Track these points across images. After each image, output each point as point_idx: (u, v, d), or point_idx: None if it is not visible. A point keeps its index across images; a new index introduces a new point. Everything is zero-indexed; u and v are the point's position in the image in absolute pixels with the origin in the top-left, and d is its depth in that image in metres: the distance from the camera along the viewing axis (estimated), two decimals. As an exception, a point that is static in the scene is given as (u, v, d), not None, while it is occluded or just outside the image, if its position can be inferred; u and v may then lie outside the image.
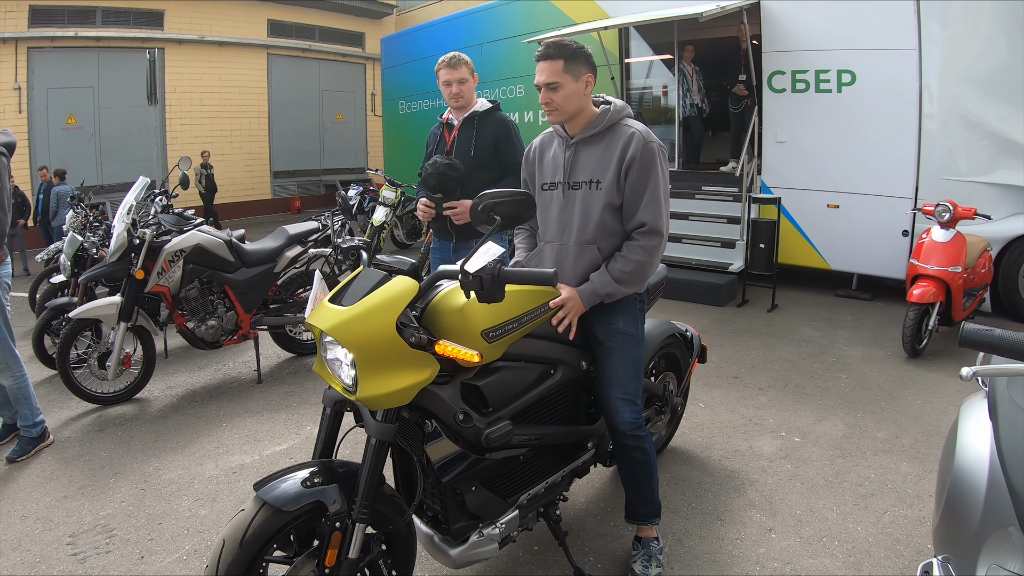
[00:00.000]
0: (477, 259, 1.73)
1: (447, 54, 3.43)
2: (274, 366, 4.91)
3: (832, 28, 6.41)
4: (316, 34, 14.18)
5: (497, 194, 1.77)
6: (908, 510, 3.04)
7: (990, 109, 5.99)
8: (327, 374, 1.90)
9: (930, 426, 3.94)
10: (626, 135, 2.26)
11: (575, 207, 2.34)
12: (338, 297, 1.88)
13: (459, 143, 3.46)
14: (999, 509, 1.76)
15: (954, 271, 5.04)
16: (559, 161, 2.39)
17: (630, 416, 2.35)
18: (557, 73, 2.23)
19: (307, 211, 14.01)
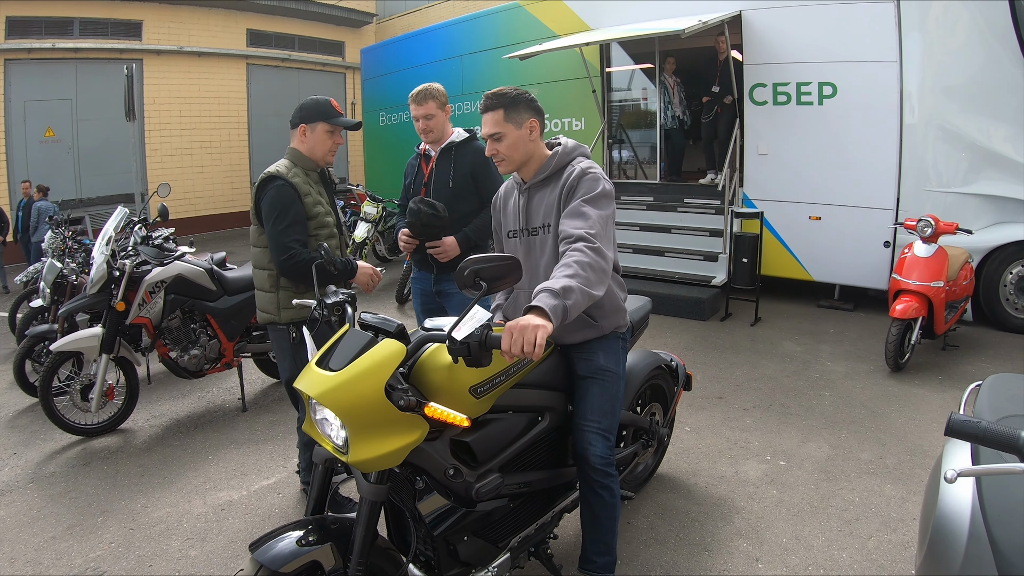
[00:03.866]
0: (464, 325, 1.72)
1: (418, 87, 3.42)
2: (258, 392, 4.87)
3: (814, 41, 6.46)
4: (296, 43, 14.07)
5: (483, 259, 1.75)
6: (892, 535, 3.07)
7: (969, 120, 6.06)
8: (317, 433, 1.90)
9: (913, 445, 3.97)
10: (568, 173, 2.25)
11: (536, 253, 2.35)
12: (325, 360, 1.87)
13: (437, 175, 3.47)
14: (977, 561, 1.80)
15: (936, 286, 5.09)
16: (516, 208, 2.39)
17: (602, 450, 2.31)
18: (498, 123, 2.23)
19: None
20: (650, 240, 7.56)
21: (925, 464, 3.75)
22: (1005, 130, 5.99)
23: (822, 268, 7.08)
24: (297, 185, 2.88)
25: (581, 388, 2.37)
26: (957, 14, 6.01)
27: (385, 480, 1.87)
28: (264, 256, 2.97)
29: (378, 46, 11.85)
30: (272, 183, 2.87)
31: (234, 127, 13.16)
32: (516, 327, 1.68)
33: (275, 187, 2.85)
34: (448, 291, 3.52)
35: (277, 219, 2.82)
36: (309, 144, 3.01)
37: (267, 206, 2.84)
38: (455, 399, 1.92)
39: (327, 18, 14.20)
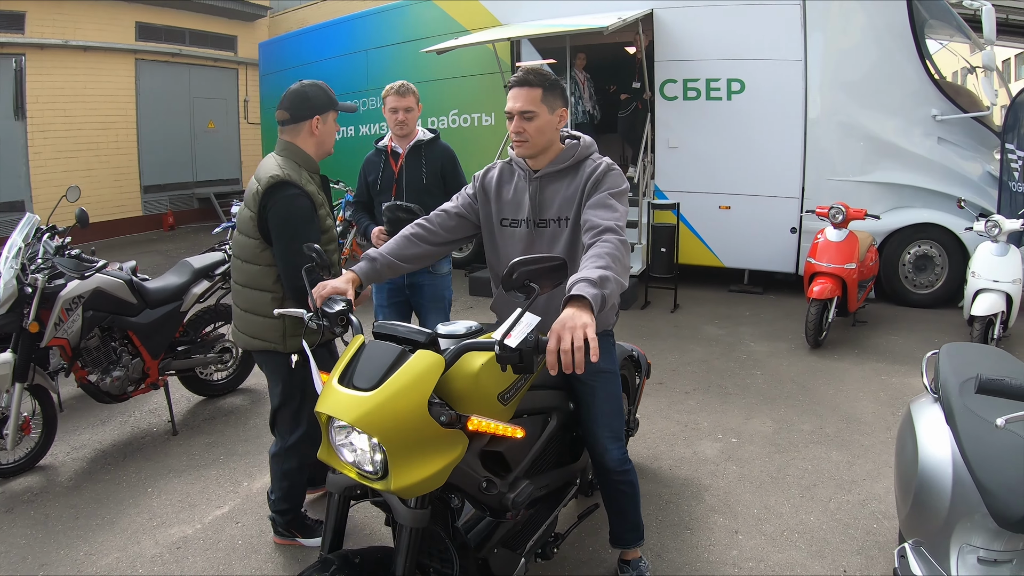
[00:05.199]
0: (516, 331, 1.59)
1: (396, 82, 3.48)
2: (186, 412, 4.45)
3: (722, 39, 6.78)
4: (186, 37, 13.18)
5: (531, 261, 1.62)
6: (848, 495, 3.32)
7: (867, 114, 6.57)
8: (337, 460, 1.73)
9: (846, 414, 4.27)
10: (591, 167, 2.21)
11: (543, 246, 2.25)
12: (345, 378, 1.71)
13: (408, 172, 3.51)
14: (965, 499, 2.01)
15: (849, 268, 5.49)
16: (522, 197, 2.27)
17: (618, 454, 2.37)
18: (534, 102, 2.12)
19: (181, 228, 13.05)
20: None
21: (861, 430, 4.03)
22: (899, 123, 6.56)
23: (732, 255, 7.45)
24: (312, 195, 2.55)
25: (584, 392, 2.36)
26: (856, 14, 6.50)
27: (427, 504, 1.73)
28: (266, 276, 2.58)
29: (278, 40, 11.32)
30: (285, 191, 2.47)
31: (122, 127, 12.14)
32: (564, 328, 1.58)
33: (289, 197, 2.47)
34: (419, 283, 3.58)
35: (294, 236, 2.43)
36: (320, 138, 2.66)
37: (279, 219, 2.46)
38: (485, 408, 1.81)
39: (219, 11, 13.38)
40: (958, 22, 6.96)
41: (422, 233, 2.32)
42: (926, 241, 6.56)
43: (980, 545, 2.03)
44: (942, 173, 6.57)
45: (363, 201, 3.76)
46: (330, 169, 8.58)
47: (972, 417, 2.17)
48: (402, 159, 3.53)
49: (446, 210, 2.38)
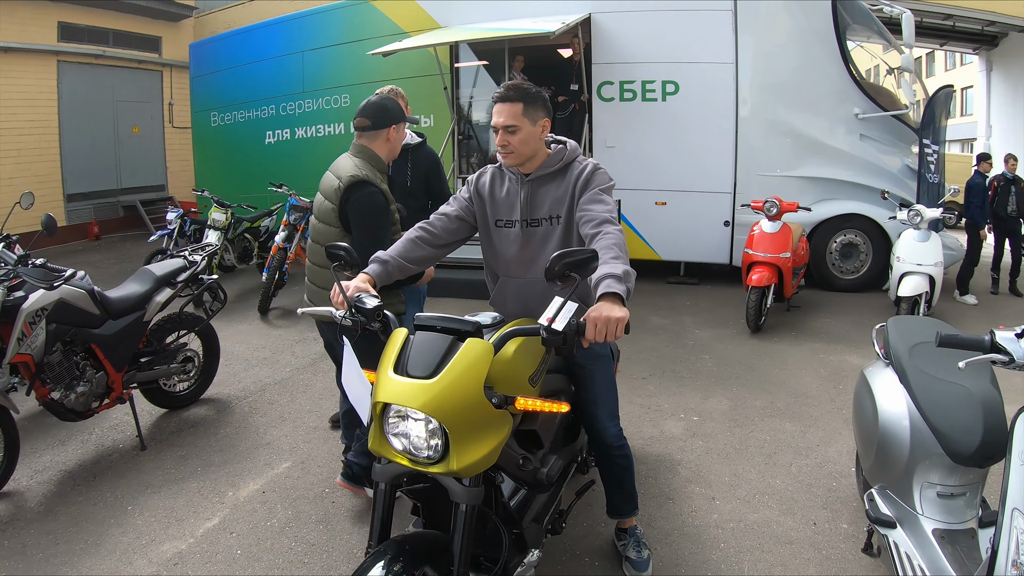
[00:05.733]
0: (560, 316, 1.75)
1: (384, 87, 3.60)
2: (151, 426, 4.26)
3: (658, 43, 7.13)
4: (110, 38, 12.59)
5: (570, 253, 1.78)
6: (806, 460, 3.65)
7: (794, 113, 7.06)
8: (389, 449, 1.83)
9: (793, 389, 4.62)
10: (579, 169, 2.38)
11: (537, 243, 2.42)
12: (400, 368, 1.82)
13: (395, 174, 3.60)
14: (922, 445, 2.34)
15: (784, 257, 5.90)
16: (515, 199, 2.43)
17: (615, 430, 2.57)
18: (516, 116, 2.27)
19: (106, 237, 12.44)
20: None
21: (809, 403, 4.38)
22: (824, 121, 7.08)
23: (669, 248, 7.83)
24: (386, 193, 2.86)
25: (584, 375, 2.54)
26: (784, 19, 7.00)
27: (480, 482, 1.85)
28: None
29: (210, 41, 10.96)
30: (365, 188, 2.78)
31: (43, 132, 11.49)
32: (601, 318, 1.78)
33: (369, 193, 2.78)
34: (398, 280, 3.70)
35: (373, 227, 2.79)
36: (392, 144, 3.00)
37: (361, 212, 2.76)
38: (519, 389, 1.96)
39: (144, 10, 12.80)
40: (878, 26, 7.62)
41: (427, 236, 2.45)
42: (851, 230, 7.12)
43: (938, 482, 2.34)
44: (864, 167, 7.15)
45: None
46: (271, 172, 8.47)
47: (922, 375, 2.48)
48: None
49: (447, 214, 2.51)
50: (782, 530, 2.98)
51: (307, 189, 7.27)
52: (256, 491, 3.31)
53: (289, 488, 3.34)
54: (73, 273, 3.70)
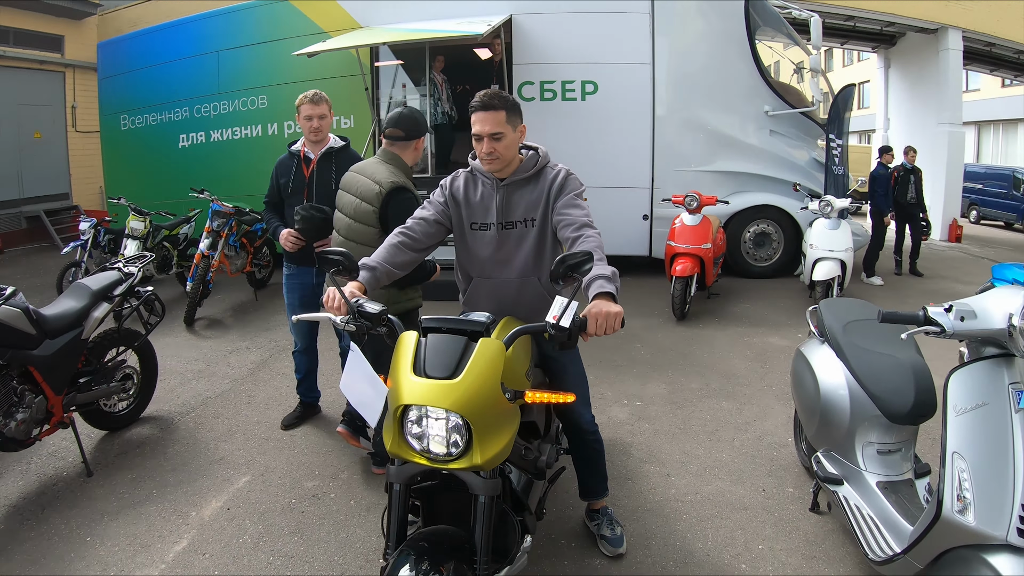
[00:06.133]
0: (566, 314, 1.87)
1: (310, 91, 3.60)
2: (93, 450, 3.91)
3: (577, 44, 7.35)
4: (11, 37, 11.56)
5: (572, 256, 1.87)
6: (747, 434, 3.92)
7: (708, 111, 7.48)
8: (408, 450, 1.89)
9: (724, 371, 4.93)
10: (553, 173, 2.51)
11: (511, 245, 2.52)
12: (418, 369, 1.89)
13: (319, 177, 3.65)
14: (861, 409, 2.63)
15: (706, 247, 6.26)
16: (490, 203, 2.51)
17: (590, 417, 2.71)
18: (500, 123, 2.35)
19: (9, 251, 11.42)
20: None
21: (740, 383, 4.69)
22: (736, 118, 7.54)
23: (593, 244, 8.07)
24: (419, 198, 3.00)
25: (557, 368, 2.66)
26: (699, 21, 7.39)
27: (496, 474, 1.94)
28: None
29: (119, 40, 10.21)
30: (404, 195, 3.05)
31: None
32: (601, 314, 1.93)
33: (408, 199, 3.03)
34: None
35: None
36: (418, 153, 3.26)
37: (400, 217, 2.75)
38: (518, 384, 2.07)
39: (45, 8, 11.79)
40: (787, 28, 8.18)
41: (408, 241, 2.47)
42: (763, 220, 7.62)
43: (877, 440, 2.63)
44: (774, 161, 7.68)
45: (274, 202, 3.83)
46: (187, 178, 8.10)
47: (857, 349, 2.77)
48: (314, 164, 3.66)
49: (425, 218, 2.54)
50: (735, 498, 3.21)
51: (228, 194, 7.05)
52: (220, 508, 3.20)
53: (254, 502, 3.25)
54: (14, 292, 3.44)
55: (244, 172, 8.05)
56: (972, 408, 1.97)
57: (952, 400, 2.01)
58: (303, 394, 4.08)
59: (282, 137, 8.12)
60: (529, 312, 2.48)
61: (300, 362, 3.96)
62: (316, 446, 3.80)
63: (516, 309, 2.50)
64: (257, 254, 7.34)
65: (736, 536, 2.91)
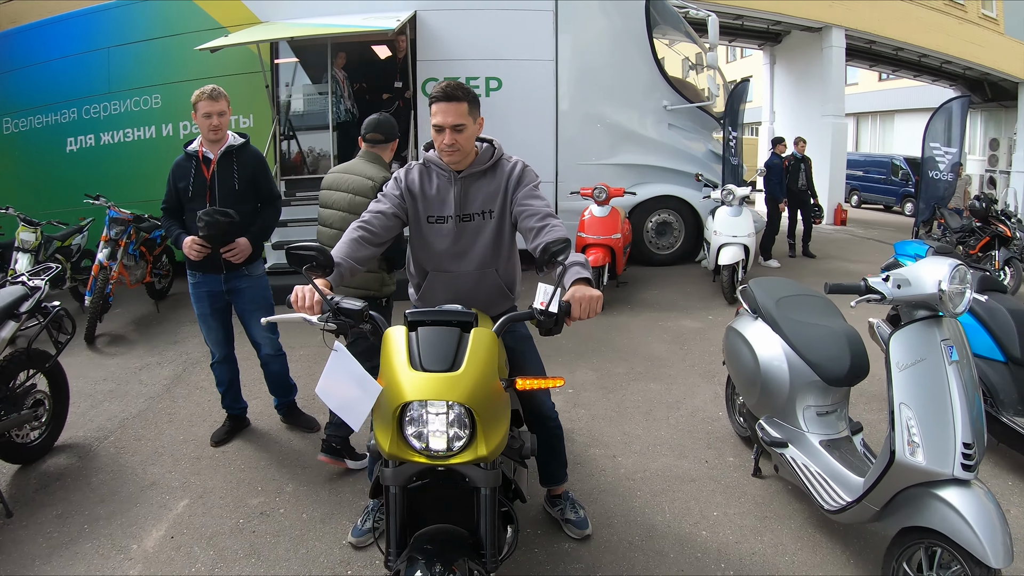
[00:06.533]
0: (553, 301, 1.90)
1: (207, 86, 3.39)
2: (9, 487, 3.40)
3: (482, 40, 7.39)
4: None
5: (556, 243, 1.92)
6: (679, 411, 4.13)
7: (609, 106, 7.74)
8: (407, 451, 1.85)
9: (646, 355, 5.15)
10: (509, 167, 2.51)
11: (469, 237, 2.50)
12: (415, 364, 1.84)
13: (220, 178, 3.46)
14: (799, 376, 2.86)
15: (616, 238, 6.50)
16: (446, 196, 2.48)
17: (551, 403, 2.77)
18: (463, 115, 2.32)
19: None
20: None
21: (663, 364, 4.92)
22: (636, 113, 7.85)
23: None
24: None
25: (517, 356, 2.66)
26: (601, 19, 7.60)
27: (498, 464, 1.92)
28: None
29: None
30: None
31: None
32: (584, 299, 1.98)
33: None
34: (239, 288, 3.58)
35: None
36: (393, 152, 3.50)
37: None
38: (502, 372, 2.07)
39: None
40: (686, 27, 8.59)
41: (367, 236, 2.40)
42: (665, 210, 8.01)
43: (815, 404, 2.87)
44: (673, 153, 8.07)
45: (172, 208, 3.56)
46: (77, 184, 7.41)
47: (791, 322, 3.00)
48: (214, 165, 3.45)
49: (382, 211, 2.47)
50: (682, 471, 3.38)
51: (121, 200, 6.52)
52: (163, 537, 2.94)
53: (199, 527, 3.02)
54: None
55: (137, 176, 7.44)
56: (912, 364, 2.20)
57: (895, 358, 2.23)
58: (229, 407, 3.84)
59: (177, 138, 7.60)
60: (487, 304, 2.50)
61: (220, 373, 3.74)
62: (253, 461, 3.58)
63: (473, 301, 2.48)
64: (156, 263, 6.82)
65: (691, 506, 3.06)
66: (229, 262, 3.45)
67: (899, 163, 18.79)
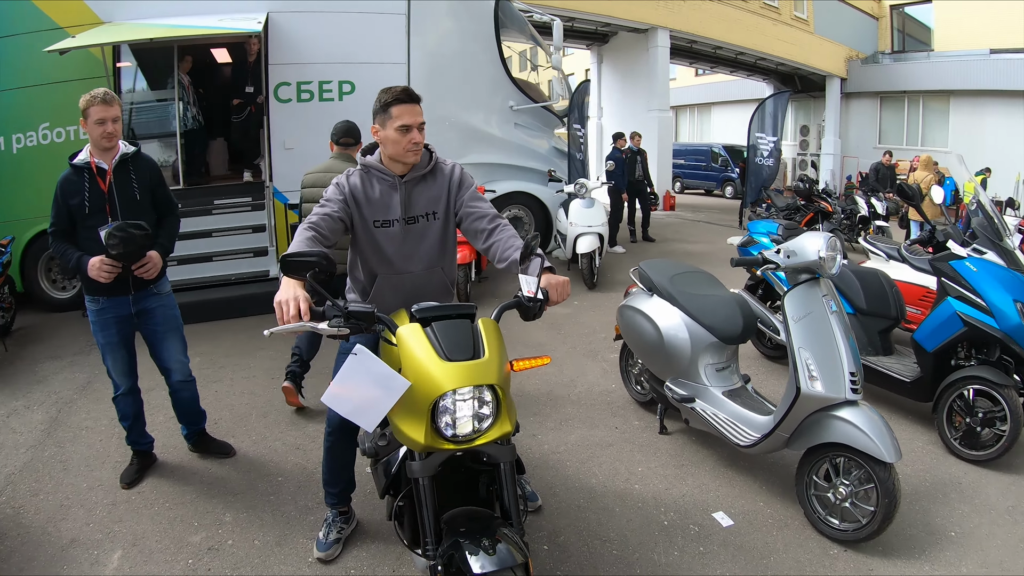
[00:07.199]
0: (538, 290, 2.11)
1: (97, 89, 3.07)
2: None
3: (334, 43, 7.21)
4: None
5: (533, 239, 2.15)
6: (577, 389, 4.49)
7: (459, 107, 7.92)
8: (439, 440, 1.94)
9: (528, 342, 5.46)
10: (448, 169, 2.64)
11: (415, 239, 2.57)
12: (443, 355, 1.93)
13: (119, 190, 3.15)
14: (699, 339, 3.35)
15: (479, 235, 6.79)
16: (391, 200, 2.53)
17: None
18: (422, 114, 2.47)
19: None
20: (191, 248, 7.13)
21: (547, 349, 5.28)
22: (485, 113, 8.14)
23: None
24: None
25: None
26: (451, 22, 7.75)
27: (510, 440, 2.06)
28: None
29: None
30: None
31: None
32: (558, 284, 2.20)
33: None
34: (149, 308, 3.28)
35: None
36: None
37: None
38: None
39: None
40: (530, 30, 8.97)
41: (319, 238, 2.36)
42: (515, 206, 8.41)
43: (713, 361, 3.36)
44: (520, 151, 8.47)
45: (63, 230, 3.17)
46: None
47: (686, 294, 3.47)
48: (109, 176, 3.14)
49: (330, 215, 2.45)
50: (597, 439, 3.73)
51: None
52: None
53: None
54: None
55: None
56: (803, 316, 2.73)
57: (790, 313, 2.76)
58: (135, 442, 3.45)
59: (9, 152, 6.62)
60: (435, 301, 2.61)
61: (126, 407, 3.36)
62: (176, 496, 3.23)
63: (422, 300, 2.57)
64: (-1, 294, 5.88)
65: (617, 467, 3.42)
66: (139, 281, 3.18)
67: (718, 151, 21.15)
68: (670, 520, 2.95)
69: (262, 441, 3.77)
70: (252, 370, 4.86)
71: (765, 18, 17.93)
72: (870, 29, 21.86)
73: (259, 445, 3.73)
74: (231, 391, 4.48)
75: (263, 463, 3.53)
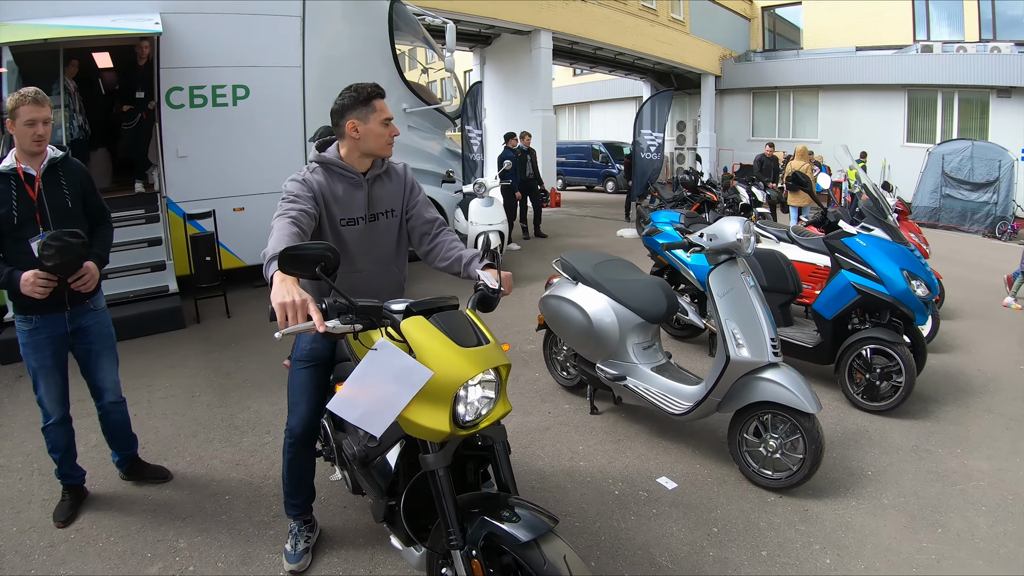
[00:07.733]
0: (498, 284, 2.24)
1: (27, 88, 2.85)
2: None
3: (227, 46, 6.91)
4: None
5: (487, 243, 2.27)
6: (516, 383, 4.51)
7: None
8: (455, 428, 1.92)
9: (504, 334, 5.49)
10: (400, 169, 2.72)
11: (376, 236, 2.61)
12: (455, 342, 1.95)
13: (49, 197, 2.95)
14: (627, 321, 3.62)
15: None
16: (355, 198, 2.54)
17: None
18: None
19: None
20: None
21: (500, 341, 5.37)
22: (389, 119, 8.12)
23: (252, 253, 7.80)
24: None
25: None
26: (346, 26, 7.64)
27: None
28: None
29: None
30: None
31: None
32: (507, 278, 2.33)
33: None
34: (85, 326, 3.07)
35: None
36: None
37: None
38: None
39: None
40: (424, 33, 8.96)
41: (300, 233, 2.27)
42: (410, 207, 8.48)
43: (640, 341, 3.62)
44: (414, 153, 8.49)
45: None
46: None
47: (611, 280, 3.71)
48: (38, 182, 2.94)
49: (306, 211, 2.39)
50: (534, 425, 3.91)
51: None
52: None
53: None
54: None
55: None
56: (726, 292, 3.02)
57: (714, 289, 3.06)
58: (66, 476, 3.18)
59: None
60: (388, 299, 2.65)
61: (57, 437, 3.09)
62: (119, 529, 3.01)
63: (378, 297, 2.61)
64: None
65: (560, 448, 3.61)
66: (76, 296, 2.97)
67: (599, 148, 21.96)
68: (620, 490, 3.17)
69: (198, 461, 3.60)
70: (169, 389, 4.62)
71: (644, 20, 18.87)
72: (743, 29, 23.54)
73: (196, 465, 3.56)
74: (151, 413, 4.25)
75: (205, 483, 3.38)
